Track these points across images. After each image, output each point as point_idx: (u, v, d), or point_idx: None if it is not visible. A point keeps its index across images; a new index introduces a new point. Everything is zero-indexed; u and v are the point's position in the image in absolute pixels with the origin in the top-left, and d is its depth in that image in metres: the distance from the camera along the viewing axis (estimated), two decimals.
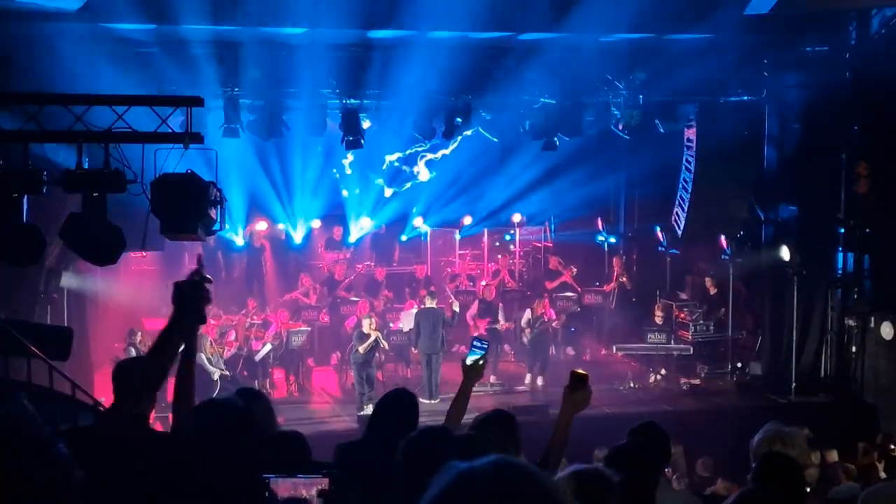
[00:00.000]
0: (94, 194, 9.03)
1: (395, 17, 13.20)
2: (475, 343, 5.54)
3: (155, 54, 13.70)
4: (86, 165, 9.39)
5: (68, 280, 14.35)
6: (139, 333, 15.35)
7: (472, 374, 5.43)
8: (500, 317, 17.53)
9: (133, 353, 14.46)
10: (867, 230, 15.80)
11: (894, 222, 15.00)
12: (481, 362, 5.41)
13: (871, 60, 15.03)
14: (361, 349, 15.37)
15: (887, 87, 14.70)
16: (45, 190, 9.27)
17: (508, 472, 1.77)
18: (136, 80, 12.99)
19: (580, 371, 5.13)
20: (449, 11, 12.91)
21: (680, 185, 17.78)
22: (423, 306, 16.41)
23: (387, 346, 16.08)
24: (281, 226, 19.79)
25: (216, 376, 15.09)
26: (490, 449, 4.36)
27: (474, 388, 5.58)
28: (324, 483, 3.73)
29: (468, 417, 5.37)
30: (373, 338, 15.48)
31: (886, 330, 15.43)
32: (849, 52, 15.65)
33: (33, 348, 9.55)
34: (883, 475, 10.37)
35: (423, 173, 19.94)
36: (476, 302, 17.55)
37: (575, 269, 19.19)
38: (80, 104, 9.42)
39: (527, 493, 1.76)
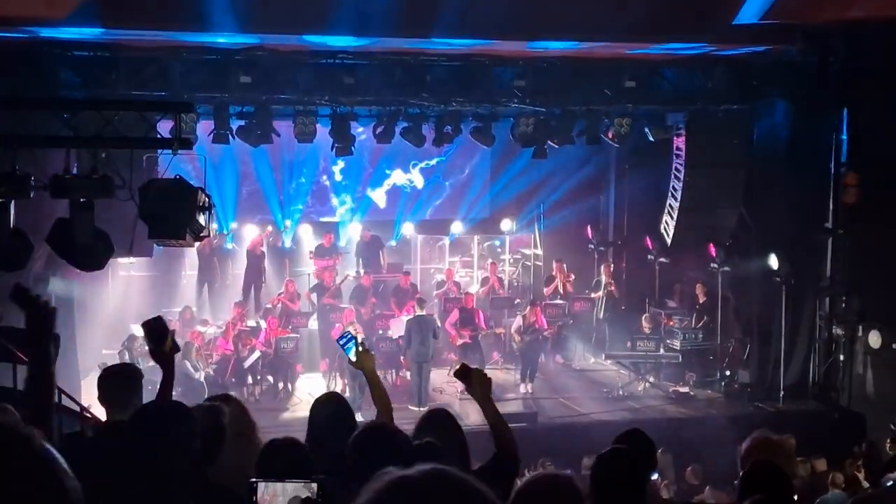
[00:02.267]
0: (82, 199, 9.01)
1: (387, 26, 13.20)
2: (339, 343, 5.79)
3: (145, 60, 13.67)
4: (73, 171, 9.37)
5: (55, 285, 14.28)
6: (138, 340, 15.32)
7: (363, 365, 5.68)
8: (482, 323, 17.49)
9: (127, 357, 14.45)
10: (855, 239, 15.86)
11: (882, 232, 15.05)
12: (360, 349, 5.54)
13: (858, 70, 15.09)
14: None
15: (875, 97, 14.77)
16: (32, 195, 9.24)
17: (440, 482, 1.71)
18: (127, 86, 13.00)
19: (457, 367, 5.28)
20: (438, 19, 12.91)
21: (669, 194, 17.82)
22: (413, 314, 16.39)
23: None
24: (269, 229, 19.72)
25: (202, 378, 15.10)
26: (434, 448, 4.41)
27: (464, 395, 5.61)
28: (312, 490, 3.71)
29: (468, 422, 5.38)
30: (359, 340, 15.44)
31: (874, 339, 15.48)
32: (837, 62, 15.71)
33: (19, 354, 9.50)
34: (865, 484, 10.37)
35: (417, 180, 19.99)
36: (456, 310, 17.50)
37: (573, 276, 19.24)
38: (68, 109, 9.40)
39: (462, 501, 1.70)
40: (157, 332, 4.91)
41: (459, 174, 21.23)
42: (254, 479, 3.63)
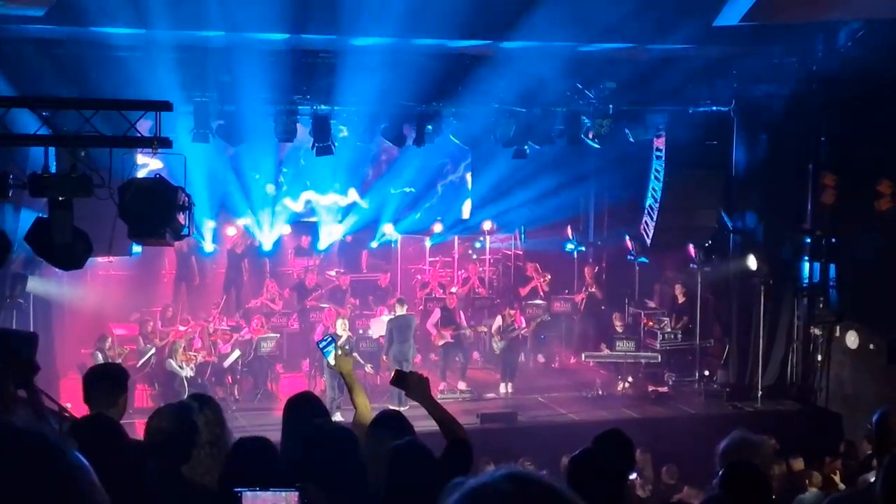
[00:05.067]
0: (61, 198, 8.96)
1: (367, 24, 13.18)
2: (319, 346, 5.78)
3: (124, 58, 13.60)
4: (52, 169, 9.31)
5: (34, 285, 14.20)
6: (109, 339, 15.26)
7: (342, 368, 5.69)
8: (464, 323, 17.51)
9: (100, 358, 14.37)
10: (833, 240, 15.97)
11: (859, 233, 15.16)
12: (339, 352, 5.58)
13: (837, 72, 15.19)
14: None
15: (853, 99, 14.87)
16: (11, 193, 9.18)
17: (525, 485, 1.68)
18: (105, 84, 12.91)
19: (393, 375, 5.44)
20: (420, 19, 12.90)
21: (649, 194, 17.87)
22: (394, 314, 16.39)
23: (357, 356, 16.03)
24: (242, 225, 19.65)
25: (185, 377, 15.07)
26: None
27: (444, 395, 5.65)
28: (293, 498, 3.70)
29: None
30: (344, 338, 15.47)
31: (851, 339, 15.59)
32: (816, 64, 15.80)
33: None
34: (842, 486, 10.45)
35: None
36: (437, 310, 17.51)
37: (549, 277, 19.28)
38: (47, 107, 9.35)
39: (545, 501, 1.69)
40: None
41: (441, 175, 21.22)
42: (238, 489, 3.64)
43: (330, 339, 5.77)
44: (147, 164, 12.90)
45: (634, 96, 15.90)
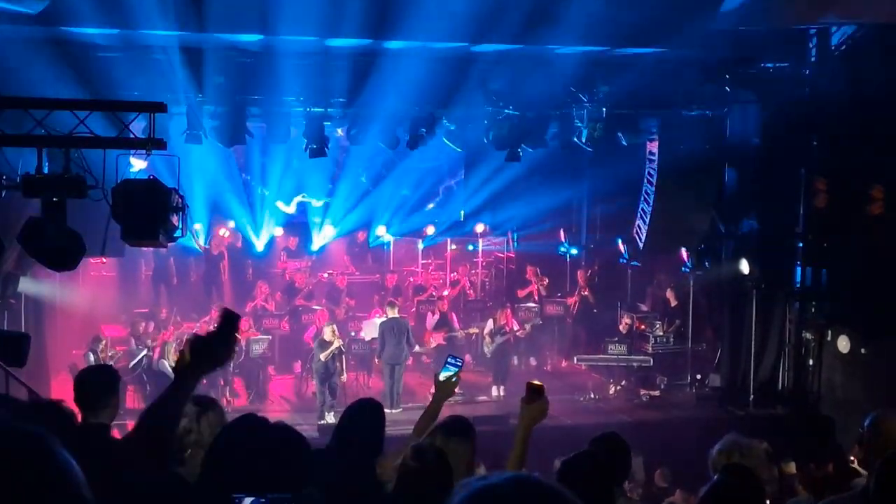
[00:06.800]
0: (54, 199, 8.94)
1: (360, 27, 13.18)
2: (449, 360, 5.57)
3: (117, 59, 13.58)
4: (45, 170, 9.29)
5: (26, 285, 14.17)
6: (103, 341, 15.23)
7: (444, 389, 5.52)
8: (457, 326, 17.53)
9: (92, 359, 14.34)
10: (825, 245, 15.98)
11: (851, 237, 15.18)
12: (454, 378, 5.46)
13: (830, 77, 15.22)
14: (322, 357, 15.32)
15: (846, 104, 14.90)
16: (3, 194, 9.16)
17: (529, 488, 1.71)
18: (98, 86, 12.89)
19: (536, 382, 5.11)
20: (414, 23, 12.91)
21: (642, 198, 17.91)
22: (387, 316, 16.38)
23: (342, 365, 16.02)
24: (228, 227, 19.61)
25: None
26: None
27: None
28: None
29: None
30: (335, 346, 15.44)
31: (843, 343, 15.62)
32: (809, 69, 15.84)
33: None
34: (833, 488, 10.44)
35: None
36: (430, 314, 17.52)
37: (546, 281, 19.29)
38: (41, 108, 9.33)
39: None
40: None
41: (434, 177, 21.25)
42: (236, 495, 3.62)
43: (461, 363, 5.67)
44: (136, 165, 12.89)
45: (628, 100, 15.92)
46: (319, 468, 5.08)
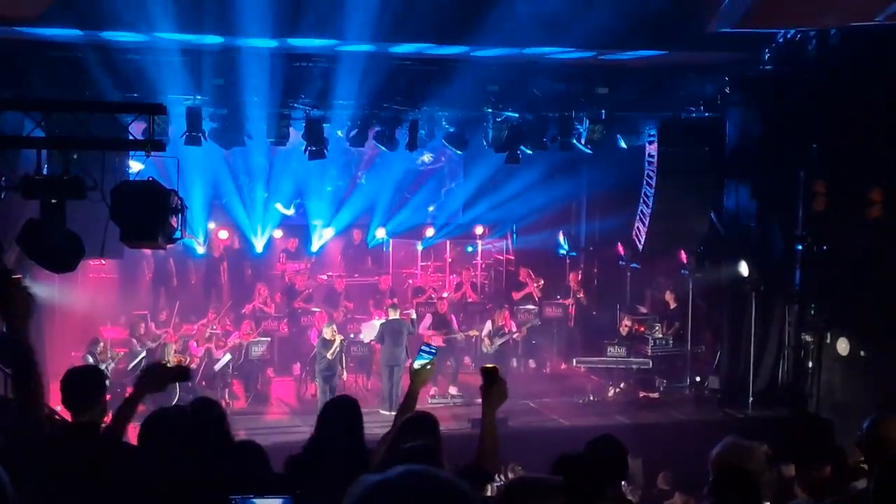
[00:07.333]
0: (53, 201, 8.93)
1: (359, 29, 13.19)
2: (423, 349, 5.67)
3: (119, 61, 13.59)
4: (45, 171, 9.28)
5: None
6: (101, 343, 15.22)
7: (419, 378, 5.62)
8: (456, 328, 17.51)
9: (90, 361, 14.32)
10: (824, 247, 15.98)
11: (850, 240, 15.18)
12: (428, 367, 5.54)
13: (828, 80, 15.23)
14: (329, 355, 15.35)
15: (845, 106, 14.90)
16: (3, 195, 9.16)
17: (422, 480, 1.77)
18: (99, 87, 12.91)
19: (489, 365, 5.23)
20: (414, 24, 12.92)
21: (641, 200, 17.90)
22: (387, 318, 16.38)
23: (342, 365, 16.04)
24: (226, 234, 19.62)
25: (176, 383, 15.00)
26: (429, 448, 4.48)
27: (435, 400, 5.65)
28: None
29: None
30: (337, 342, 15.49)
31: (842, 346, 15.60)
32: (808, 72, 15.84)
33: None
34: (832, 491, 10.43)
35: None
36: (429, 315, 17.51)
37: (542, 282, 19.29)
38: (40, 110, 9.33)
39: (441, 498, 1.75)
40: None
41: (432, 178, 21.25)
42: (233, 497, 3.64)
43: (434, 351, 5.75)
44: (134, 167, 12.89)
45: (627, 102, 15.92)
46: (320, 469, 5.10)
